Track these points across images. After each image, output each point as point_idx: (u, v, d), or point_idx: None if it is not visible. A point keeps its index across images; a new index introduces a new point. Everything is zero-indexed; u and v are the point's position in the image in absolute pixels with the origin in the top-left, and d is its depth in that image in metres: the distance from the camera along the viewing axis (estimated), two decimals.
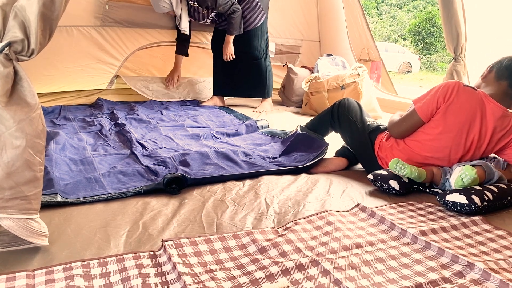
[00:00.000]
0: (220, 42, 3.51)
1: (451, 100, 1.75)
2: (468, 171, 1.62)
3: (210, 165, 2.00)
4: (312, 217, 1.46)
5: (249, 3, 3.44)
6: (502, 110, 1.75)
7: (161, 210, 1.51)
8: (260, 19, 3.51)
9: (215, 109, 3.52)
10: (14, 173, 1.09)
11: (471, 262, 1.16)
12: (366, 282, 1.10)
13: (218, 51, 3.59)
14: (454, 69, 3.19)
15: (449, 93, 1.76)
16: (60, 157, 1.98)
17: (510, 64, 1.79)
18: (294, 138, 2.30)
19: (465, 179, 1.62)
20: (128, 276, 1.06)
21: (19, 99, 1.10)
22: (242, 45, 3.49)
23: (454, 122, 1.75)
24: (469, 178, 1.61)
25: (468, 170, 1.62)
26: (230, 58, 3.48)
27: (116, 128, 2.66)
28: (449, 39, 3.17)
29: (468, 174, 1.61)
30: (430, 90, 1.84)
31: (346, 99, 2.20)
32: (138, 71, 3.74)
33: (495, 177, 1.70)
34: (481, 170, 1.66)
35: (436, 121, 1.78)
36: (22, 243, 1.17)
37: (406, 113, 1.89)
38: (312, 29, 4.62)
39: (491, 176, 1.69)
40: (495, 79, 1.81)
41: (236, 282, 1.07)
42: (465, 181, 1.62)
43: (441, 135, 1.77)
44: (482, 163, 1.70)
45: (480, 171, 1.66)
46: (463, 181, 1.63)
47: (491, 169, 1.69)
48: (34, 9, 1.07)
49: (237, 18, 3.33)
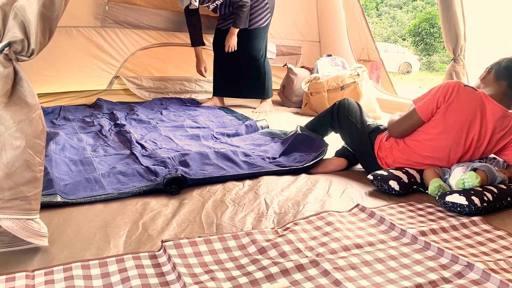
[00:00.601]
0: (221, 43, 3.52)
1: (451, 100, 1.75)
2: (472, 179, 1.62)
3: (210, 165, 2.00)
4: (311, 218, 1.46)
5: (258, 1, 3.44)
6: (502, 111, 1.75)
7: (160, 211, 1.51)
8: (266, 20, 3.51)
9: (214, 109, 3.52)
10: (14, 173, 1.09)
11: (471, 263, 1.16)
12: (366, 282, 1.09)
13: (219, 52, 3.59)
14: (453, 69, 3.19)
15: (450, 92, 1.76)
16: (60, 158, 1.98)
17: (508, 64, 1.80)
18: (294, 138, 2.30)
19: (466, 184, 1.63)
20: (127, 276, 1.05)
21: (19, 99, 1.10)
22: (243, 43, 3.50)
23: (454, 122, 1.75)
24: (471, 185, 1.62)
25: (472, 178, 1.62)
26: (232, 49, 3.48)
27: (116, 129, 2.66)
28: (448, 40, 3.18)
29: (471, 182, 1.62)
30: (430, 90, 1.84)
31: (346, 100, 2.20)
32: (138, 72, 3.74)
33: (497, 181, 1.70)
34: (484, 175, 1.66)
35: (436, 120, 1.78)
36: (22, 243, 1.17)
37: (406, 112, 1.89)
38: (312, 30, 4.63)
39: (493, 181, 1.69)
40: (494, 80, 1.82)
41: (236, 282, 1.07)
42: (466, 185, 1.63)
43: (441, 134, 1.78)
44: (485, 168, 1.69)
45: (483, 175, 1.65)
46: (464, 185, 1.63)
47: (494, 174, 1.69)
48: (34, 9, 1.07)
49: (245, 12, 3.33)
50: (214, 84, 3.73)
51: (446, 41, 3.22)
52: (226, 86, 3.69)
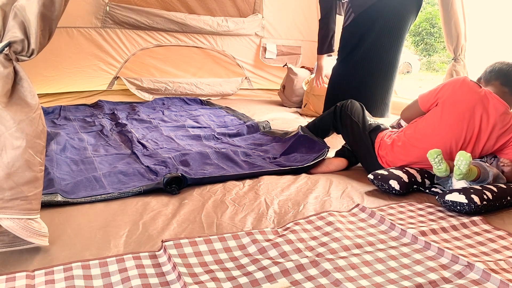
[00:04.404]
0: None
1: (449, 93, 1.81)
2: (462, 156, 1.58)
3: (210, 165, 2.00)
4: (312, 218, 1.46)
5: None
6: (505, 107, 1.78)
7: (161, 211, 1.51)
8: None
9: (216, 109, 3.52)
10: (14, 173, 1.10)
11: (471, 263, 1.16)
12: (366, 282, 1.09)
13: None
14: (454, 69, 3.19)
15: (451, 86, 1.82)
16: (61, 158, 1.98)
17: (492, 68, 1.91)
18: (295, 139, 2.30)
19: (461, 166, 1.58)
20: (128, 276, 1.06)
21: (19, 99, 1.10)
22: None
23: (453, 113, 1.78)
24: (464, 163, 1.57)
25: (462, 155, 1.58)
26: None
27: (118, 128, 2.67)
28: (449, 40, 3.18)
29: (463, 159, 1.57)
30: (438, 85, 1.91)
31: (349, 101, 2.22)
32: (139, 72, 3.74)
33: (490, 176, 1.70)
34: (477, 168, 1.68)
35: (436, 113, 1.82)
36: (22, 243, 1.17)
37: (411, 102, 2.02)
38: (312, 30, 4.62)
39: (485, 175, 1.69)
40: (487, 84, 1.90)
41: (236, 282, 1.07)
42: (462, 168, 1.58)
43: (440, 126, 1.80)
44: (476, 163, 1.72)
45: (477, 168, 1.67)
46: (460, 169, 1.59)
47: (485, 168, 1.71)
48: (34, 9, 1.07)
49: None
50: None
51: (446, 41, 3.21)
52: None
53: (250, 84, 4.36)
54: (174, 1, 3.76)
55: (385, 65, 2.66)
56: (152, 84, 3.76)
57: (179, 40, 3.86)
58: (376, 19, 2.55)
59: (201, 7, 3.90)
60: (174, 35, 3.81)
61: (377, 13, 2.54)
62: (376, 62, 2.63)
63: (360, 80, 2.66)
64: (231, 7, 4.07)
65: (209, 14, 3.91)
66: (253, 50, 4.29)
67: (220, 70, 4.14)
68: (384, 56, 2.64)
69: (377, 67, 2.64)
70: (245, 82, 4.31)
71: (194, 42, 3.92)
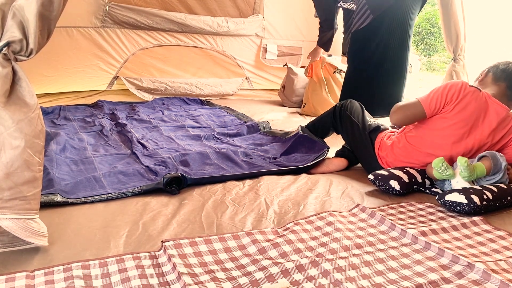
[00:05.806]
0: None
1: (458, 100, 1.76)
2: (459, 162, 1.64)
3: (210, 165, 1.99)
4: (312, 218, 1.46)
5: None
6: (506, 111, 1.78)
7: (161, 211, 1.50)
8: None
9: (216, 109, 3.52)
10: (13, 173, 1.09)
11: (471, 263, 1.16)
12: (366, 282, 1.09)
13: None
14: (454, 69, 3.19)
15: (458, 92, 1.77)
16: (60, 158, 1.98)
17: (506, 67, 1.85)
18: (295, 139, 2.29)
19: (463, 171, 1.64)
20: (128, 276, 1.05)
21: (18, 99, 1.10)
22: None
23: (458, 120, 1.76)
24: (463, 168, 1.62)
25: (459, 160, 1.64)
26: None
27: (117, 128, 2.66)
28: (449, 40, 3.17)
29: (460, 166, 1.63)
30: (434, 89, 1.85)
31: (348, 101, 2.21)
32: (139, 72, 3.74)
33: (503, 167, 1.69)
34: (487, 161, 1.68)
35: (440, 118, 1.80)
36: (22, 243, 1.17)
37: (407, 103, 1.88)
38: (312, 30, 4.61)
39: (498, 166, 1.68)
40: (493, 81, 1.86)
41: (236, 282, 1.06)
42: (464, 172, 1.64)
43: (443, 132, 1.79)
44: (489, 153, 1.71)
45: (486, 161, 1.67)
46: (463, 173, 1.64)
47: (498, 159, 1.69)
48: (33, 9, 1.07)
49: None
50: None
51: (446, 41, 3.21)
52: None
53: (251, 84, 4.36)
54: (174, 1, 3.76)
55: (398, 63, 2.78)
56: (152, 84, 3.75)
57: (179, 40, 3.86)
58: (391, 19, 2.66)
59: (201, 7, 3.89)
60: (174, 35, 3.81)
61: (392, 12, 2.65)
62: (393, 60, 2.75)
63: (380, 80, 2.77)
64: (232, 7, 4.06)
65: (209, 14, 3.91)
66: (254, 51, 4.29)
67: (220, 71, 4.14)
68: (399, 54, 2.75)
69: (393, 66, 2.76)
70: (245, 82, 4.31)
71: (194, 42, 3.91)
